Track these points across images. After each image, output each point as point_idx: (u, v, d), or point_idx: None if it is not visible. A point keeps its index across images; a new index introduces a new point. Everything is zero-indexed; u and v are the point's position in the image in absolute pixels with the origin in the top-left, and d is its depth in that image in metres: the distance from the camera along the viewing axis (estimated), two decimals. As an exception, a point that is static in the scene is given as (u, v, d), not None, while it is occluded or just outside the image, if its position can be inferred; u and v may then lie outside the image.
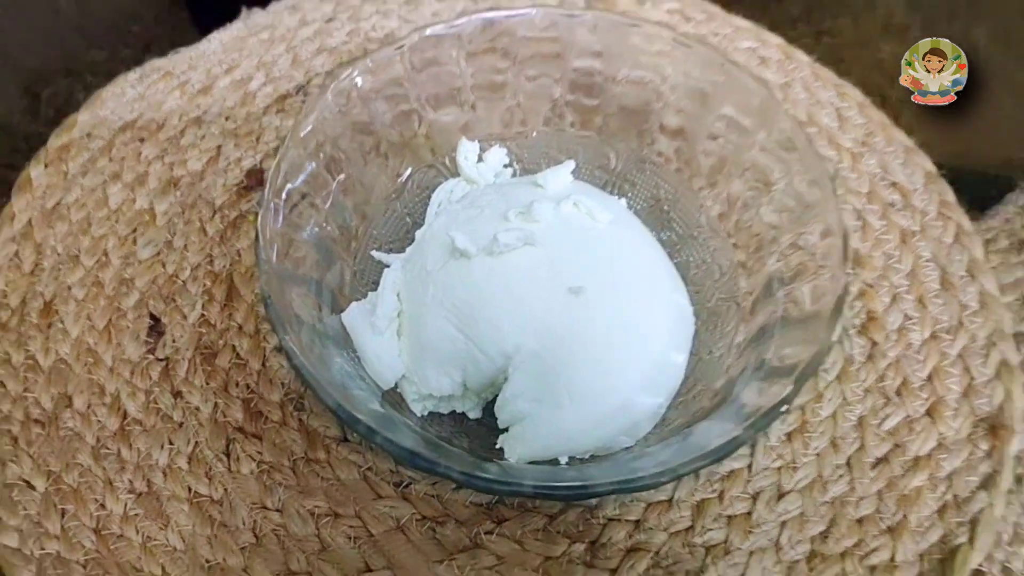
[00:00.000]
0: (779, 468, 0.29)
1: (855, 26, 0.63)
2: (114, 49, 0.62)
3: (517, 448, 0.27)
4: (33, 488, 0.29)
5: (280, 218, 0.27)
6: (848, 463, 0.29)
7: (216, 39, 0.39)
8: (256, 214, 0.28)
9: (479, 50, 0.32)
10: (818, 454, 0.30)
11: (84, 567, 0.27)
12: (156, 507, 0.28)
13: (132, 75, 0.38)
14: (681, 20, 0.41)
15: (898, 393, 0.31)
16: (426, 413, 0.28)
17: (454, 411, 0.29)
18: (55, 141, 0.36)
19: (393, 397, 0.29)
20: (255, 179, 0.35)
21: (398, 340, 0.28)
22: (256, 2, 0.41)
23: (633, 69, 0.32)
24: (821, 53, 0.40)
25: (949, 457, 0.30)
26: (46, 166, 0.35)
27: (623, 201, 0.32)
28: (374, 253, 0.31)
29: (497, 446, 0.28)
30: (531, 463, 0.27)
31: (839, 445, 0.30)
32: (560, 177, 0.30)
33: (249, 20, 0.40)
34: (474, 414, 0.29)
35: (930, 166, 0.36)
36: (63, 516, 0.28)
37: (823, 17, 0.65)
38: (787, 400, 0.24)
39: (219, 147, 0.36)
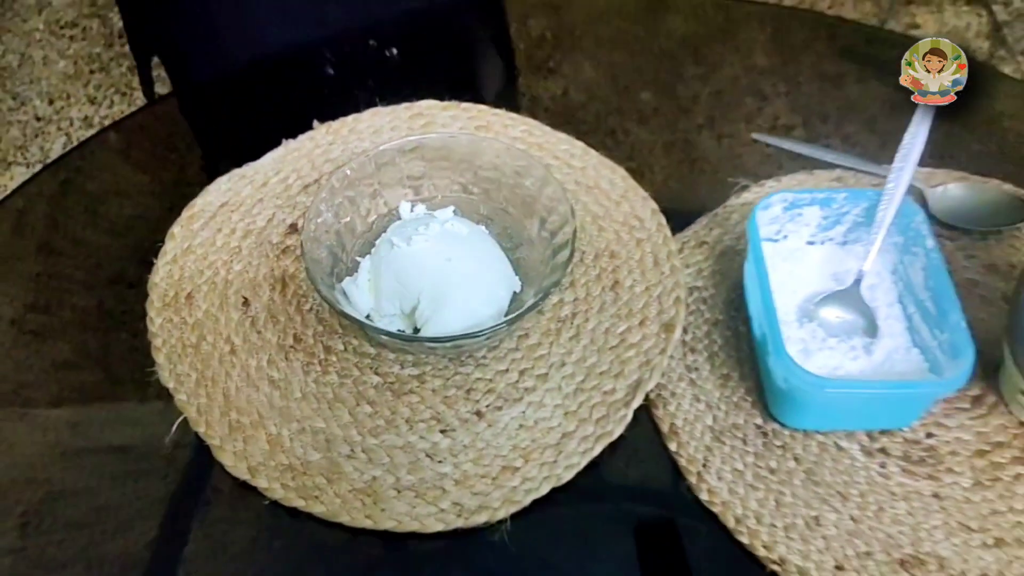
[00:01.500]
0: (551, 343, 0.59)
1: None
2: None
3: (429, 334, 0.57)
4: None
5: (310, 244, 0.58)
6: (594, 343, 0.59)
7: (268, 157, 0.71)
8: (300, 243, 0.59)
9: (411, 155, 0.64)
10: (574, 336, 0.59)
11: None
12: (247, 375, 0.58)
13: (224, 178, 0.69)
14: (527, 134, 0.73)
15: (626, 316, 0.61)
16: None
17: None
18: (186, 213, 0.67)
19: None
20: (293, 228, 0.66)
21: (368, 292, 0.58)
22: (290, 135, 0.72)
23: (486, 169, 0.64)
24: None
25: (645, 340, 0.59)
26: (181, 227, 0.66)
27: (482, 226, 0.63)
28: (356, 258, 0.62)
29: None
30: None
31: (595, 339, 0.60)
32: (446, 213, 0.61)
33: (288, 144, 0.72)
34: (403, 328, 0.59)
35: (654, 206, 0.67)
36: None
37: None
38: (545, 296, 0.54)
39: (273, 213, 0.67)
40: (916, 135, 0.58)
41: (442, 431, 0.56)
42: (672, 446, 0.56)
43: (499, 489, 0.54)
